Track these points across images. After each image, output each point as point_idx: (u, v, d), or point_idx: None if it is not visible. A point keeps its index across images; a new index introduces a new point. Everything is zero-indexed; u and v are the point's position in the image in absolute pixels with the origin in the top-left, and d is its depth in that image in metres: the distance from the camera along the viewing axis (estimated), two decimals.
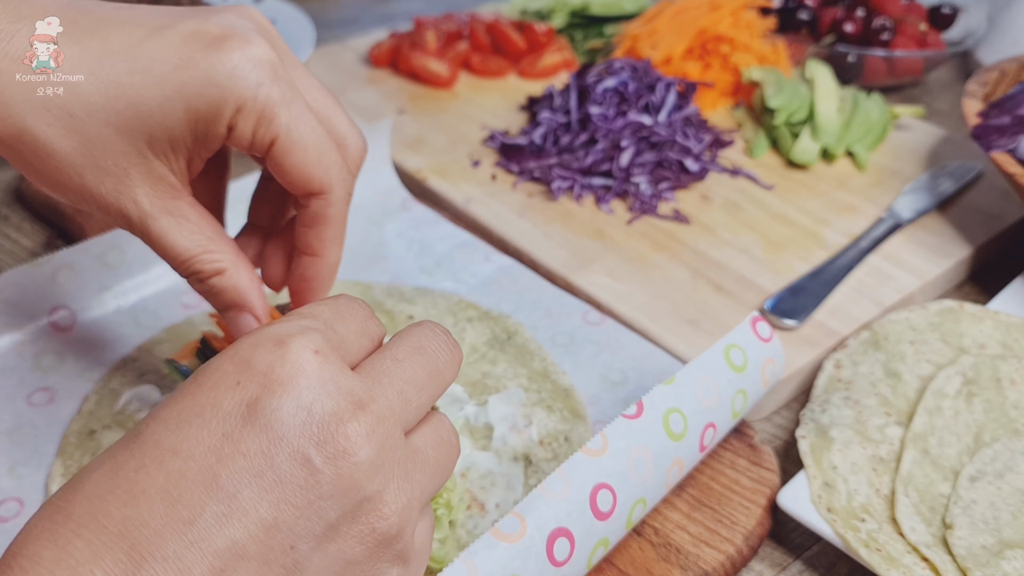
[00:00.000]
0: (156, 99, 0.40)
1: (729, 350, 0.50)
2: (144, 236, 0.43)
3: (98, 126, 0.40)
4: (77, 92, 0.40)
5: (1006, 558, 0.48)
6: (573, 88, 0.86)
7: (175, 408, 0.32)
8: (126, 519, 0.30)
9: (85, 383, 0.59)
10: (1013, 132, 0.71)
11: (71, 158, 0.40)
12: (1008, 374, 0.60)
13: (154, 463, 0.31)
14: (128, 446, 0.32)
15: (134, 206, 0.42)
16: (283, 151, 0.42)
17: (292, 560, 0.31)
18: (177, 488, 0.30)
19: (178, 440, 0.31)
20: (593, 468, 0.42)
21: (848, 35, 1.03)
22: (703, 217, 0.78)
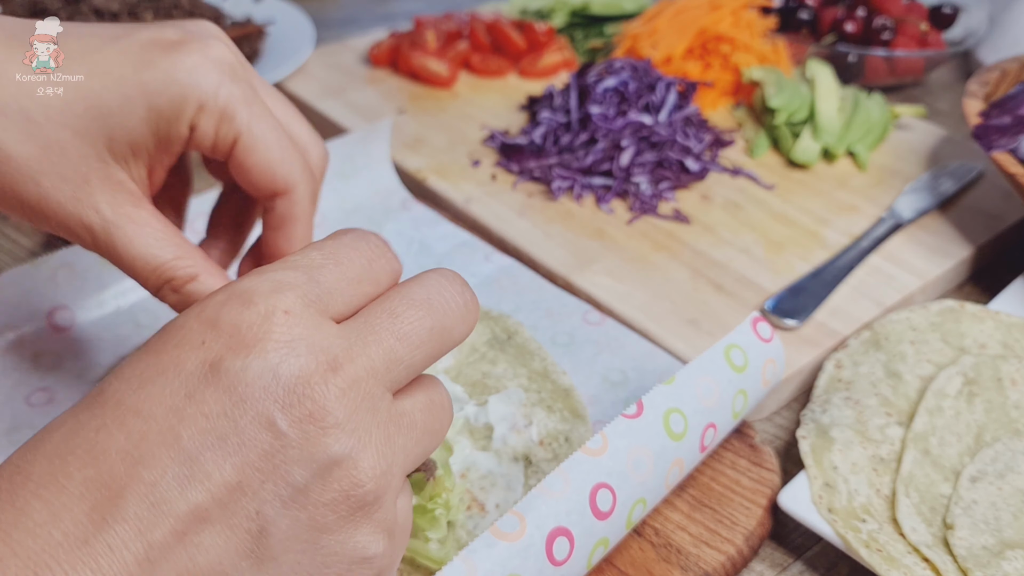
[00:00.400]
0: (116, 100, 0.40)
1: (730, 350, 0.50)
2: (107, 247, 0.41)
3: (56, 129, 0.39)
4: (34, 96, 0.39)
5: (1007, 558, 0.48)
6: (573, 88, 0.86)
7: (138, 366, 0.31)
8: (87, 480, 0.29)
9: (84, 384, 0.59)
10: (1014, 132, 0.71)
11: (28, 164, 0.39)
12: (1009, 374, 0.60)
13: (115, 423, 0.30)
14: (90, 406, 0.31)
15: (95, 215, 0.41)
16: (246, 149, 0.42)
17: (257, 525, 0.30)
18: (138, 449, 0.29)
19: (139, 400, 0.30)
20: (593, 467, 0.42)
21: (849, 35, 1.03)
22: (703, 217, 0.77)
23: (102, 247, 0.41)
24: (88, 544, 0.28)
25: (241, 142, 0.42)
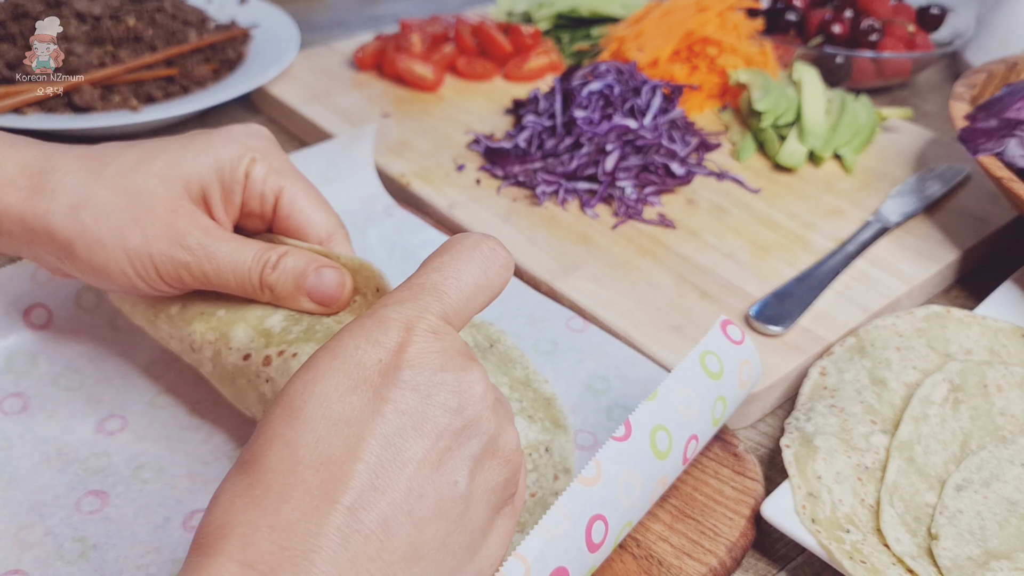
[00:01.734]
0: (189, 155, 0.50)
1: (704, 357, 0.50)
2: (208, 262, 0.49)
3: (144, 180, 0.49)
4: (123, 161, 0.49)
5: (992, 569, 0.48)
6: (558, 92, 0.86)
7: (330, 383, 0.36)
8: (322, 481, 0.34)
9: (60, 390, 0.58)
10: (1000, 135, 0.71)
11: (129, 212, 0.48)
12: (995, 380, 0.59)
13: (331, 433, 0.35)
14: (294, 421, 0.36)
15: (192, 238, 0.49)
16: (292, 199, 0.52)
17: (458, 494, 0.36)
18: (356, 449, 0.35)
19: (342, 411, 0.36)
20: (588, 499, 0.42)
21: (836, 36, 1.03)
22: (689, 221, 0.77)
23: (204, 262, 0.49)
24: (339, 532, 0.33)
25: (286, 192, 0.52)
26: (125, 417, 0.57)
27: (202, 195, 0.51)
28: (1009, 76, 0.85)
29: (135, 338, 0.62)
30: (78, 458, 0.54)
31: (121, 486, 0.52)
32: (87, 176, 0.49)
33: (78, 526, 0.50)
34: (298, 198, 0.52)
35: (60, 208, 0.48)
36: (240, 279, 0.50)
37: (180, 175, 0.50)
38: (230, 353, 0.51)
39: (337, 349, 0.38)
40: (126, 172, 0.49)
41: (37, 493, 0.52)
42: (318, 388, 0.37)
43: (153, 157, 0.50)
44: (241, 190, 0.52)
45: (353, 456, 0.35)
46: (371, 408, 0.36)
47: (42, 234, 0.49)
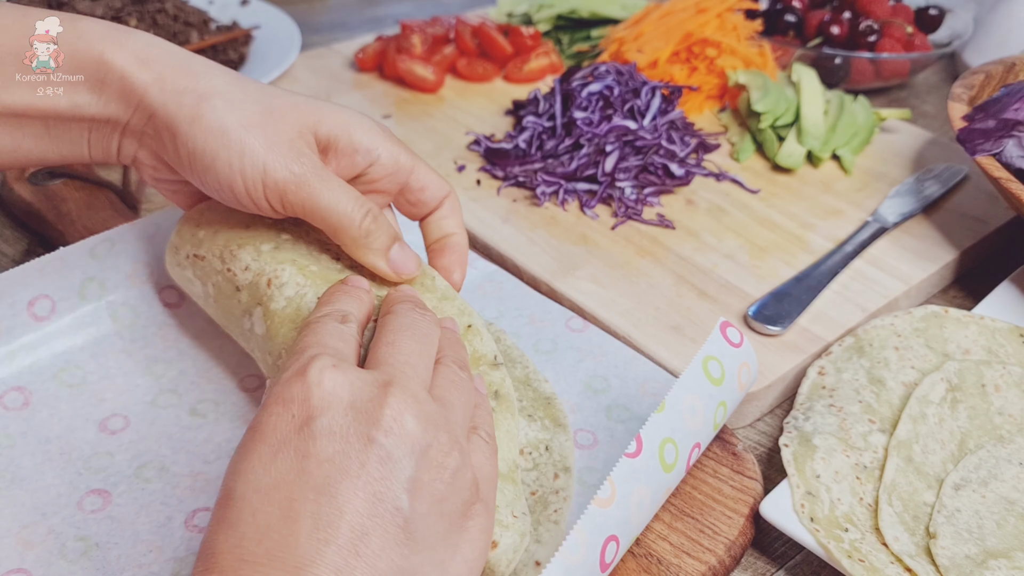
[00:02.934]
0: (324, 106, 0.52)
1: (707, 363, 0.50)
2: (318, 184, 0.50)
3: (280, 103, 0.51)
4: (262, 88, 0.51)
5: (990, 568, 0.48)
6: (557, 93, 0.86)
7: (254, 458, 0.38)
8: (267, 550, 0.35)
9: (62, 387, 0.58)
10: (998, 136, 0.71)
11: (259, 117, 0.49)
12: (993, 380, 0.59)
13: (264, 505, 0.36)
14: (227, 504, 0.37)
15: (308, 160, 0.50)
16: (411, 170, 0.55)
17: (403, 519, 0.37)
18: (291, 510, 0.36)
19: (269, 479, 0.37)
20: (604, 521, 0.42)
21: (834, 37, 1.03)
22: (688, 222, 0.77)
23: (313, 182, 0.50)
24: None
25: (418, 168, 0.56)
26: (127, 416, 0.57)
27: (327, 142, 0.52)
28: (1007, 77, 0.85)
29: (135, 334, 0.63)
30: (80, 457, 0.54)
31: (123, 485, 0.53)
32: (228, 78, 0.50)
33: (80, 525, 0.50)
34: (427, 173, 0.56)
35: (198, 88, 0.49)
36: (340, 215, 0.51)
37: (313, 115, 0.51)
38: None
39: (255, 423, 0.39)
40: (265, 91, 0.51)
41: (39, 492, 0.52)
42: (244, 465, 0.38)
43: (292, 95, 0.52)
44: (363, 164, 0.53)
45: (290, 518, 0.35)
46: (296, 468, 0.37)
47: (163, 111, 0.49)
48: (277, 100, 0.51)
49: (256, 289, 0.53)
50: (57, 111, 0.50)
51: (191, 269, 0.57)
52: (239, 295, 0.54)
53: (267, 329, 0.52)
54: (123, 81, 0.49)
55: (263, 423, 0.39)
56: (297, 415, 0.38)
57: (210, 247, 0.56)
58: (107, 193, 0.75)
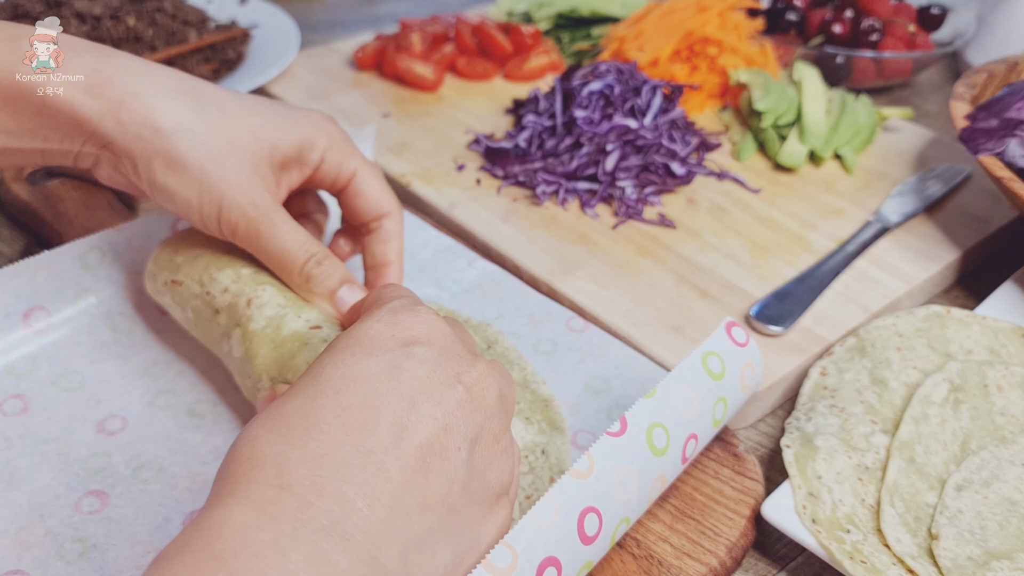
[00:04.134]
0: (279, 123, 0.53)
1: (707, 358, 0.50)
2: (268, 224, 0.52)
3: (240, 131, 0.52)
4: (224, 103, 0.52)
5: (992, 569, 0.48)
6: (558, 92, 0.86)
7: (345, 354, 0.39)
8: (343, 426, 0.36)
9: (60, 391, 0.58)
10: (1001, 135, 0.71)
11: (219, 148, 0.50)
12: (995, 380, 0.59)
13: (348, 388, 0.38)
14: (315, 382, 0.38)
15: (262, 196, 0.52)
16: (363, 180, 0.57)
17: (460, 459, 0.38)
18: (374, 402, 0.37)
19: (360, 371, 0.38)
20: (580, 491, 0.42)
21: (837, 36, 1.03)
22: (689, 221, 0.77)
23: (262, 224, 0.52)
24: (364, 468, 0.35)
25: (359, 175, 0.57)
26: (125, 417, 0.57)
27: (281, 163, 0.54)
28: (1010, 76, 0.85)
29: (134, 340, 0.62)
30: (78, 458, 0.54)
31: (121, 486, 0.52)
32: (190, 106, 0.51)
33: (78, 526, 0.50)
34: (368, 181, 0.57)
35: (156, 123, 0.50)
36: (283, 258, 0.53)
37: (270, 139, 0.52)
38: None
39: (354, 330, 0.41)
40: (223, 116, 0.51)
41: (37, 493, 0.52)
42: (335, 356, 0.40)
43: (249, 112, 0.52)
44: (312, 170, 0.56)
45: (372, 408, 0.37)
46: (387, 371, 0.38)
47: (121, 142, 0.50)
48: (237, 127, 0.51)
49: (235, 310, 0.53)
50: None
51: (169, 295, 0.57)
52: (218, 318, 0.54)
53: (245, 351, 0.51)
54: (70, 112, 0.49)
55: (364, 330, 0.41)
56: (398, 336, 0.40)
57: (188, 272, 0.56)
58: (105, 193, 0.75)
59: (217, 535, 0.32)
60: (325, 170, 0.56)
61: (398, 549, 0.35)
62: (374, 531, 0.34)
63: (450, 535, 0.37)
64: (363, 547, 0.33)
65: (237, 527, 0.32)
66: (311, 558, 0.32)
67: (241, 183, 0.51)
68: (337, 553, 0.32)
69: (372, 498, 0.34)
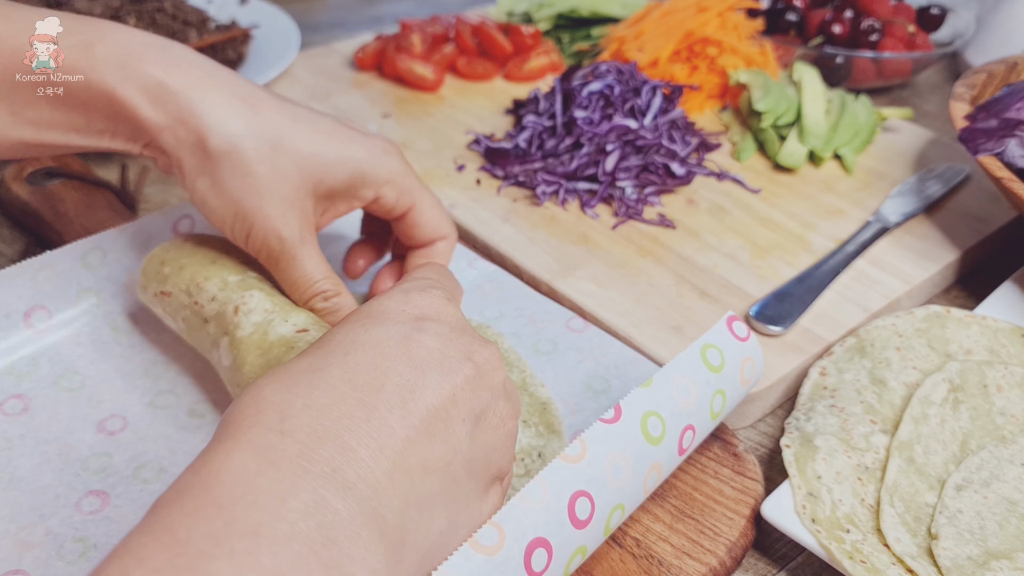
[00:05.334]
0: (332, 156, 0.53)
1: (706, 350, 0.50)
2: (287, 258, 0.53)
3: (287, 163, 0.52)
4: (280, 132, 0.52)
5: (992, 569, 0.48)
6: (558, 92, 0.86)
7: (356, 325, 0.40)
8: (351, 383, 0.37)
9: (61, 392, 0.58)
10: (1000, 135, 0.71)
11: (261, 179, 0.51)
12: (995, 380, 0.59)
13: (357, 351, 0.38)
14: (325, 345, 0.39)
15: (290, 231, 0.53)
16: (419, 212, 0.58)
17: (464, 431, 0.39)
18: (382, 365, 0.38)
19: (371, 337, 0.39)
20: (571, 475, 0.42)
21: (836, 37, 1.03)
22: (689, 222, 0.77)
23: (284, 257, 0.54)
24: (368, 422, 0.36)
25: (416, 207, 0.58)
26: (125, 417, 0.57)
27: (328, 194, 0.54)
28: (1009, 76, 0.85)
29: (135, 340, 0.62)
30: (79, 458, 0.54)
31: (121, 486, 0.52)
32: (245, 127, 0.51)
33: (78, 526, 0.50)
34: (425, 211, 0.58)
35: (209, 144, 0.51)
36: (297, 287, 0.55)
37: (317, 172, 0.53)
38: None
39: (365, 306, 0.42)
40: (275, 143, 0.51)
41: (38, 493, 0.52)
42: (345, 326, 0.40)
43: (306, 139, 0.52)
44: (363, 204, 0.56)
45: (380, 370, 0.37)
46: (397, 340, 0.39)
47: (175, 154, 0.52)
48: (285, 158, 0.52)
49: (223, 319, 0.53)
50: (67, 144, 0.53)
51: (160, 306, 0.57)
52: (207, 327, 0.54)
53: (233, 360, 0.51)
54: (134, 120, 0.51)
55: (376, 305, 0.42)
56: (410, 312, 0.41)
57: (176, 282, 0.56)
58: (105, 193, 0.75)
59: (216, 480, 0.32)
60: (380, 205, 0.57)
61: (399, 504, 0.35)
62: (376, 482, 0.34)
63: (448, 503, 0.38)
64: (364, 497, 0.33)
65: (236, 472, 0.32)
66: (310, 505, 0.32)
67: (273, 216, 0.52)
68: (337, 501, 0.32)
69: (375, 450, 0.35)
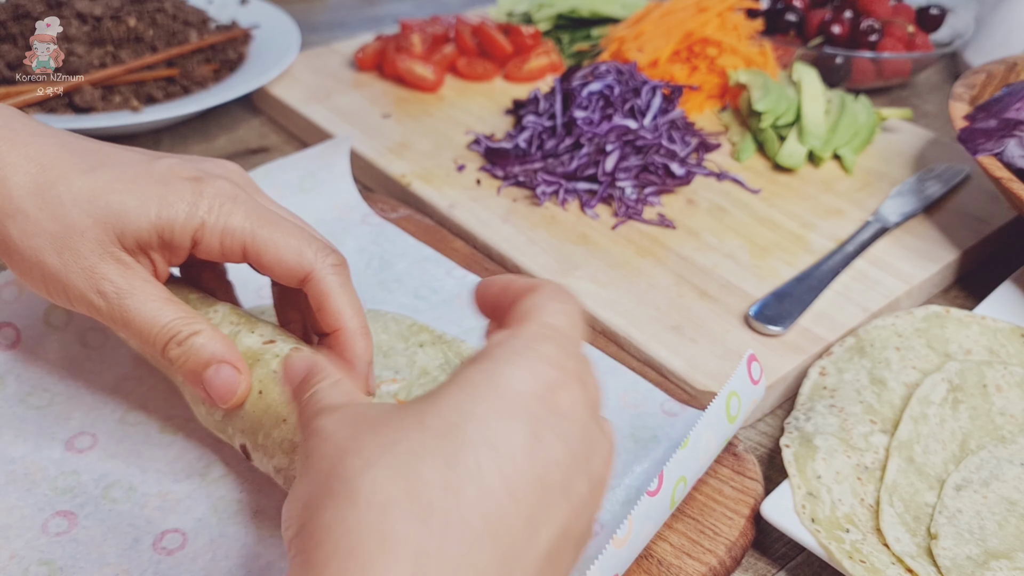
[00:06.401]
0: (134, 203, 0.47)
1: (729, 400, 0.50)
2: (120, 311, 0.48)
3: (80, 215, 0.47)
4: (70, 183, 0.47)
5: (991, 569, 0.48)
6: (558, 92, 0.86)
7: (488, 406, 0.34)
8: (485, 515, 0.32)
9: (29, 409, 0.56)
10: (1000, 135, 0.71)
11: (53, 239, 0.47)
12: (994, 380, 0.59)
13: (491, 463, 0.32)
14: (450, 438, 0.33)
15: (109, 285, 0.47)
16: (256, 253, 0.49)
17: (569, 558, 0.35)
18: (515, 492, 0.32)
19: (501, 439, 0.33)
20: (616, 562, 0.43)
21: (836, 37, 1.03)
22: (688, 222, 0.77)
23: (115, 312, 0.48)
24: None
25: (249, 248, 0.49)
26: (95, 435, 0.55)
27: (138, 246, 0.48)
28: (1008, 76, 0.85)
29: (105, 355, 0.60)
30: (46, 477, 0.52)
31: (90, 506, 0.51)
32: (31, 186, 0.47)
33: (44, 548, 0.48)
34: (265, 249, 0.49)
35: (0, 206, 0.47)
36: (145, 341, 0.48)
37: (116, 224, 0.47)
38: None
39: (496, 373, 0.35)
40: (67, 201, 0.47)
41: (3, 515, 0.50)
42: (475, 406, 0.34)
43: (99, 195, 0.47)
44: (187, 251, 0.50)
45: (512, 498, 0.32)
46: (528, 444, 0.34)
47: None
48: (77, 212, 0.47)
49: None
50: None
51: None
52: None
53: None
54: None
55: (510, 380, 0.35)
56: (541, 396, 0.35)
57: None
58: None
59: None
60: (205, 249, 0.49)
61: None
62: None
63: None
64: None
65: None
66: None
67: (82, 272, 0.47)
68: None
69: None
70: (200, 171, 0.50)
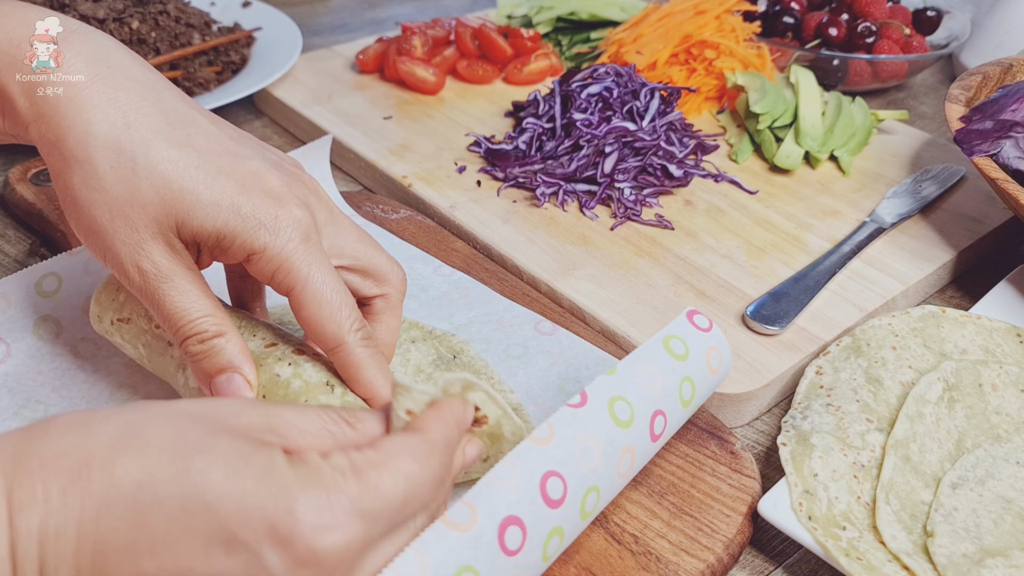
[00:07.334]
0: (207, 199, 0.46)
1: (668, 340, 0.51)
2: (154, 291, 0.47)
3: (148, 190, 0.45)
4: (151, 153, 0.46)
5: (987, 567, 0.48)
6: (557, 94, 0.86)
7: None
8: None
9: (21, 421, 0.56)
10: (995, 137, 0.72)
11: (114, 200, 0.46)
12: (990, 379, 0.60)
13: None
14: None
15: (150, 264, 0.46)
16: (299, 303, 0.48)
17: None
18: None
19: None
20: (541, 456, 0.42)
21: (833, 39, 1.03)
22: (686, 222, 0.78)
23: (148, 291, 0.47)
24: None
25: (295, 294, 0.48)
26: None
27: (193, 239, 0.47)
28: (1004, 78, 0.86)
29: (98, 365, 0.60)
30: None
31: None
32: (111, 141, 0.46)
33: None
34: (307, 304, 0.48)
35: (66, 148, 0.46)
36: (169, 328, 0.48)
37: (181, 212, 0.46)
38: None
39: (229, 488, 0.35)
40: (142, 170, 0.45)
41: None
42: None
43: (175, 178, 0.46)
44: (237, 263, 0.49)
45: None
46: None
47: (41, 146, 0.48)
48: (147, 180, 0.45)
49: None
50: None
51: (118, 334, 0.55)
52: (171, 350, 0.53)
53: None
54: (12, 110, 0.48)
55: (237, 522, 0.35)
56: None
57: (134, 307, 0.54)
58: None
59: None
60: (256, 271, 0.48)
61: None
62: None
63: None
64: None
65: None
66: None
67: (129, 241, 0.46)
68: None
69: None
70: (285, 186, 0.48)
